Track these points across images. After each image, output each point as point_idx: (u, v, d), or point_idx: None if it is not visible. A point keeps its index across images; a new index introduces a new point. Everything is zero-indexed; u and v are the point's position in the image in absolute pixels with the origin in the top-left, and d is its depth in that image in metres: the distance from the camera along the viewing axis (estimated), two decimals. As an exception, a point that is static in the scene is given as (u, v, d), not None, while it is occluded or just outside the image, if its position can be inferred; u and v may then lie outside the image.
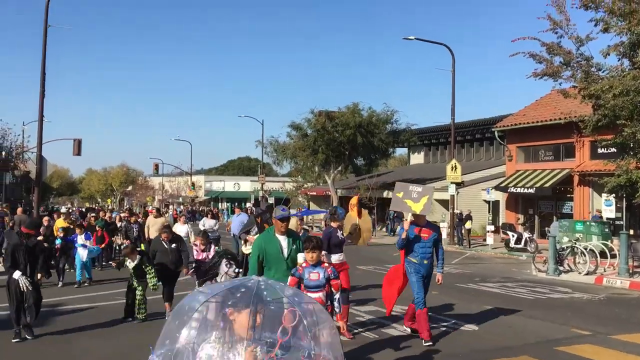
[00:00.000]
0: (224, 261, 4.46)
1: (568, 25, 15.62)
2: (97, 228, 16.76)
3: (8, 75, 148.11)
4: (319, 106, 36.60)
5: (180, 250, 10.24)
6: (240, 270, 4.67)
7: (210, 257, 10.08)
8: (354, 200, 9.42)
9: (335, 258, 8.57)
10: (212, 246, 10.33)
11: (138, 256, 9.81)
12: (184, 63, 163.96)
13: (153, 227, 16.99)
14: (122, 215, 23.07)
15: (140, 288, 9.69)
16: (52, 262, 14.06)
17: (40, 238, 13.02)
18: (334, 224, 8.93)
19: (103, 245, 16.52)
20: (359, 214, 9.44)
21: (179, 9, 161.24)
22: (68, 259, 14.67)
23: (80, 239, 14.23)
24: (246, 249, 10.01)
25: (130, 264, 9.76)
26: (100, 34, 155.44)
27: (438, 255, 8.50)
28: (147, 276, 9.67)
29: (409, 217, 8.44)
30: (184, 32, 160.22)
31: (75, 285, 13.62)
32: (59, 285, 13.66)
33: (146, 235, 17.18)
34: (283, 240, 6.46)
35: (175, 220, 25.04)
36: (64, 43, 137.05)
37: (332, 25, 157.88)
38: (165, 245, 10.14)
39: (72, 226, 15.77)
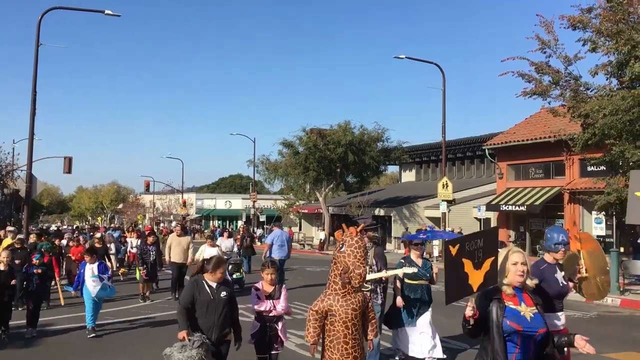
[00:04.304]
0: None
1: (556, 45, 15.86)
2: (44, 252, 11.31)
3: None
4: (311, 124, 36.96)
5: (233, 304, 5.95)
6: None
7: (279, 306, 6.03)
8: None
9: (560, 321, 5.10)
10: (284, 289, 6.26)
11: None
12: (175, 81, 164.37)
13: (176, 248, 13.86)
14: (123, 235, 21.54)
15: None
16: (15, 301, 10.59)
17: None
18: (548, 257, 5.19)
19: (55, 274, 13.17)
20: (582, 242, 5.60)
21: (170, 28, 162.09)
22: (44, 295, 10.92)
23: (89, 269, 10.12)
24: None
25: None
26: (92, 52, 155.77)
27: None
28: None
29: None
30: (175, 50, 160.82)
31: (91, 335, 9.77)
32: (27, 336, 9.73)
33: (166, 259, 14.25)
34: None
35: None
36: (55, 61, 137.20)
37: (323, 43, 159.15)
38: (210, 293, 5.75)
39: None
